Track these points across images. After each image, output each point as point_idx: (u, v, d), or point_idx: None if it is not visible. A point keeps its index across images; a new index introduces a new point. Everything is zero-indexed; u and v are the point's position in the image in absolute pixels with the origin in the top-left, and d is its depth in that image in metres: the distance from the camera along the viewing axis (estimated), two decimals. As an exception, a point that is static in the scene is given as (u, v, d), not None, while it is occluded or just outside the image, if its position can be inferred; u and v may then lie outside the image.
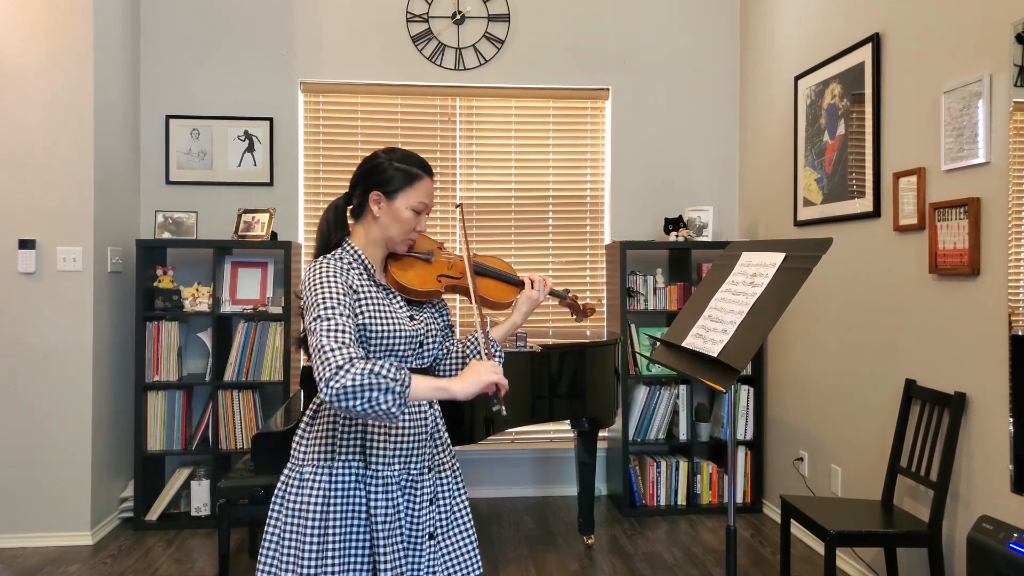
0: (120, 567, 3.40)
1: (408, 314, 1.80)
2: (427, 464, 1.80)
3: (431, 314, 1.88)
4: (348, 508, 1.69)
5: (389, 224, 1.79)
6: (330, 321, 1.58)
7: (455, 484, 1.87)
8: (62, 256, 3.65)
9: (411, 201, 1.78)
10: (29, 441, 3.64)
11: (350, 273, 1.72)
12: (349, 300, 1.66)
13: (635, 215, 4.55)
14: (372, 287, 1.76)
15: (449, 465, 1.87)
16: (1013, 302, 2.44)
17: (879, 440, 3.20)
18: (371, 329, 1.69)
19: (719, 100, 4.60)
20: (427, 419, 1.81)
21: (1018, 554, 2.07)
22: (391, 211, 1.78)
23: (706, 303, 2.37)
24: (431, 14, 4.41)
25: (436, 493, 1.82)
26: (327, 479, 1.70)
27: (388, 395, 1.51)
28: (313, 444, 1.74)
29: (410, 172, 1.79)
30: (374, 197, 1.78)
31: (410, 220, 1.79)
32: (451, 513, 1.84)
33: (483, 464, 4.47)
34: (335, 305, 1.61)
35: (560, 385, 3.40)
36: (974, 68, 2.64)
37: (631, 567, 3.43)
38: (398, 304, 1.80)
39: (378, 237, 1.81)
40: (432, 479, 1.81)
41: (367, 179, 1.80)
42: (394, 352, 1.74)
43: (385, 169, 1.79)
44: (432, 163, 4.45)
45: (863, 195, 3.30)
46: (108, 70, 3.85)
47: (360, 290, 1.72)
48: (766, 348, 4.26)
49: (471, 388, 1.59)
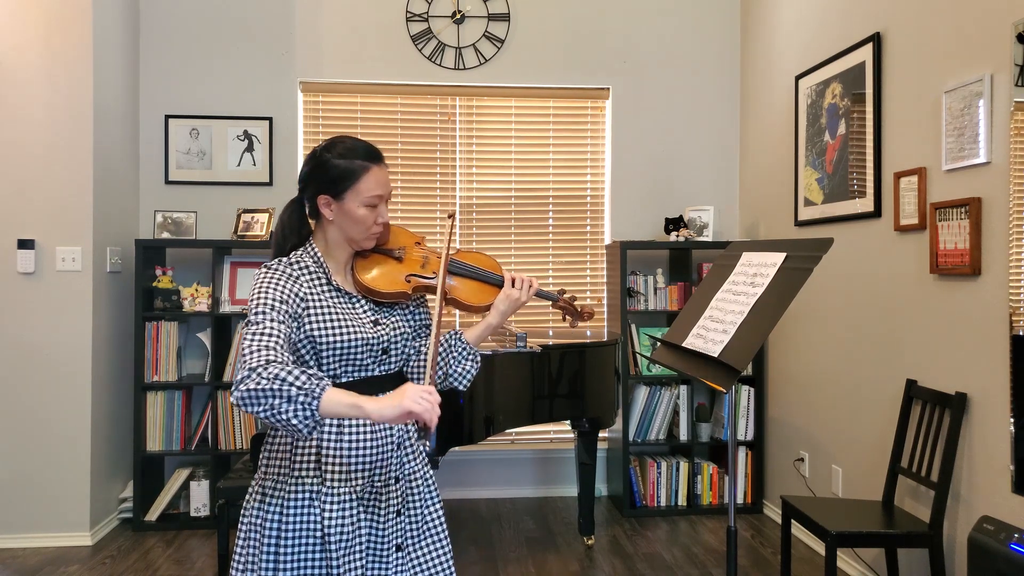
0: (119, 568, 3.39)
1: (372, 319, 1.69)
2: (394, 475, 1.70)
3: (401, 316, 1.76)
4: (302, 530, 1.60)
5: (346, 226, 1.66)
6: (259, 326, 1.49)
7: (427, 492, 1.78)
8: (61, 256, 3.64)
9: (362, 197, 1.64)
10: (28, 441, 3.63)
11: (300, 280, 1.62)
12: (290, 308, 1.56)
13: (635, 215, 4.54)
14: (328, 292, 1.65)
15: (421, 474, 1.78)
16: (1014, 302, 2.43)
17: (880, 440, 3.19)
18: (320, 340, 1.59)
19: (719, 100, 4.59)
20: (391, 428, 1.70)
21: (1019, 554, 2.07)
22: (343, 212, 1.65)
23: (706, 303, 2.37)
24: (431, 13, 4.40)
25: (404, 503, 1.72)
26: (283, 496, 1.62)
27: (290, 405, 1.39)
28: (274, 456, 1.66)
29: (354, 166, 1.64)
30: (323, 200, 1.65)
31: (366, 217, 1.65)
32: (422, 523, 1.75)
33: (483, 464, 4.47)
34: (267, 311, 1.52)
35: (560, 385, 3.40)
36: (975, 68, 2.64)
37: (631, 567, 3.43)
38: (362, 308, 1.69)
39: (338, 239, 1.69)
40: (400, 489, 1.71)
41: (312, 181, 1.67)
42: (351, 361, 1.63)
43: (329, 168, 1.64)
44: (432, 163, 4.48)
45: (864, 195, 3.30)
46: (107, 70, 3.84)
47: (309, 297, 1.61)
48: (767, 348, 4.25)
49: (387, 413, 1.41)
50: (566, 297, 1.94)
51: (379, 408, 1.41)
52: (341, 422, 1.64)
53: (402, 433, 1.73)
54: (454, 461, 4.42)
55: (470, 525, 3.99)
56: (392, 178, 4.45)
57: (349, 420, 1.63)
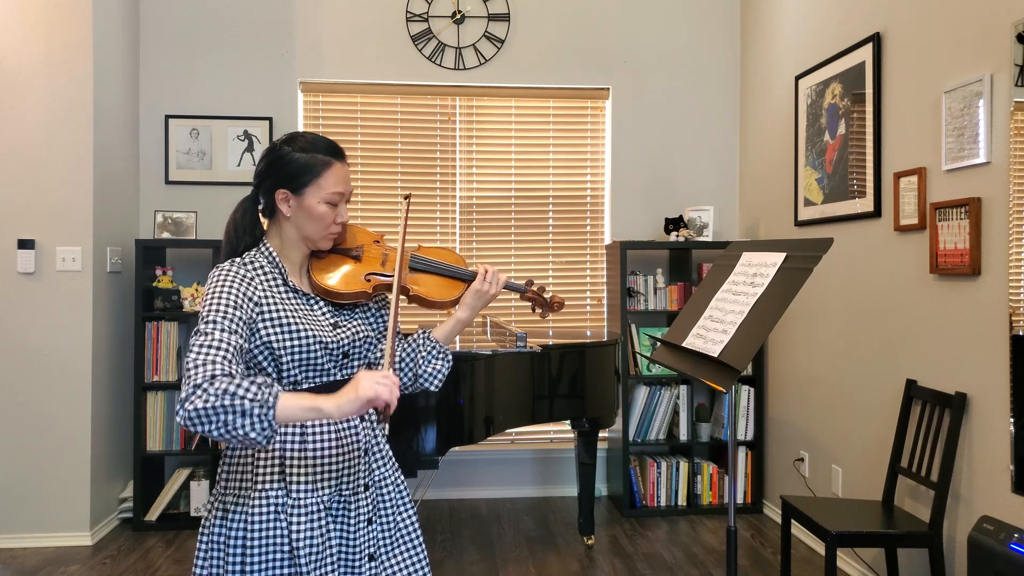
0: (119, 567, 3.39)
1: (331, 321, 1.62)
2: (363, 482, 1.63)
3: (363, 318, 1.68)
4: (268, 543, 1.53)
5: (303, 223, 1.59)
6: (208, 336, 1.40)
7: (399, 499, 1.71)
8: (61, 256, 3.64)
9: (323, 193, 1.57)
10: (28, 441, 3.63)
11: (254, 282, 1.54)
12: (243, 314, 1.47)
13: (635, 215, 4.54)
14: (285, 294, 1.58)
15: (392, 479, 1.71)
16: (1014, 302, 2.43)
17: (880, 440, 3.20)
18: (277, 346, 1.52)
19: (719, 100, 4.59)
20: (357, 434, 1.62)
21: (1019, 554, 2.07)
22: (302, 209, 1.57)
23: (706, 303, 2.37)
24: (431, 13, 4.40)
25: (376, 511, 1.66)
26: (247, 510, 1.54)
27: (245, 419, 1.31)
28: (233, 470, 1.58)
29: (316, 161, 1.57)
30: (280, 196, 1.58)
31: (326, 215, 1.58)
32: (395, 531, 1.69)
33: (483, 464, 4.47)
34: (218, 319, 1.43)
35: (560, 385, 3.40)
36: (975, 68, 2.64)
37: (631, 567, 3.43)
38: (320, 311, 1.62)
39: (294, 237, 1.61)
40: (371, 496, 1.64)
41: (270, 175, 1.59)
42: (311, 366, 1.56)
43: (288, 162, 1.57)
44: (432, 163, 4.48)
45: (864, 195, 3.30)
46: (107, 70, 3.84)
47: (264, 301, 1.53)
48: (767, 348, 4.25)
49: (347, 407, 1.34)
50: (534, 288, 1.86)
51: (337, 404, 1.34)
52: (304, 428, 1.57)
53: (369, 438, 1.67)
54: (454, 461, 4.43)
55: (470, 525, 3.99)
56: (391, 178, 4.46)
57: (312, 426, 1.57)
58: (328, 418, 1.35)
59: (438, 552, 3.61)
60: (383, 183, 4.45)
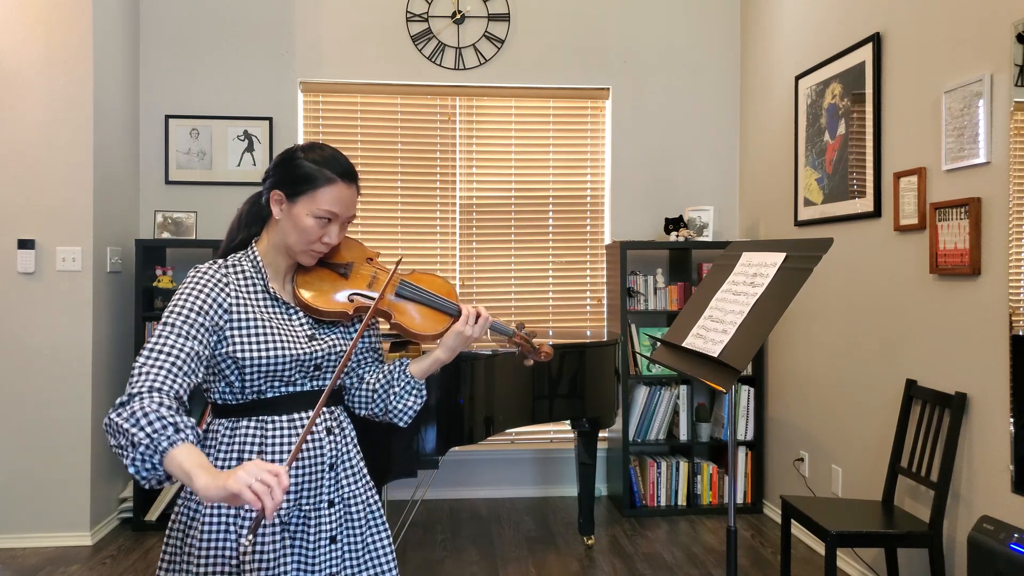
0: (119, 568, 3.39)
1: (308, 333, 1.56)
2: (327, 498, 1.56)
3: (341, 334, 1.62)
4: (216, 560, 1.46)
5: (288, 230, 1.54)
6: (162, 340, 1.37)
7: (370, 515, 1.64)
8: (61, 256, 3.64)
9: (314, 207, 1.52)
10: (28, 441, 3.63)
11: (228, 288, 1.50)
12: (207, 321, 1.44)
13: (635, 215, 4.54)
14: (262, 302, 1.54)
15: (363, 497, 1.63)
16: (1014, 302, 2.43)
17: (880, 440, 3.20)
18: (242, 358, 1.47)
19: (719, 100, 4.59)
20: (323, 448, 1.56)
21: (1019, 554, 2.07)
22: (290, 216, 1.53)
23: (706, 303, 2.37)
24: (431, 14, 4.40)
25: (342, 529, 1.58)
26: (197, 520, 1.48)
27: (134, 451, 1.25)
28: None
29: (320, 174, 1.53)
30: (275, 196, 1.55)
31: (310, 229, 1.52)
32: (364, 551, 1.61)
33: (483, 464, 4.47)
34: (178, 323, 1.40)
35: (560, 385, 3.40)
36: (975, 68, 2.64)
37: (631, 567, 3.43)
38: (299, 321, 1.57)
39: (279, 243, 1.57)
40: (336, 514, 1.57)
41: (274, 174, 1.57)
42: (277, 376, 1.51)
43: (295, 166, 1.54)
44: (432, 163, 4.48)
45: (864, 195, 3.30)
46: (107, 70, 3.84)
47: (236, 308, 1.49)
48: (767, 348, 4.25)
49: (212, 493, 1.19)
50: (523, 333, 1.75)
51: (205, 485, 1.21)
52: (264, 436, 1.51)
53: (336, 453, 1.60)
54: (454, 461, 4.43)
55: (470, 525, 3.99)
56: (391, 178, 4.45)
57: (272, 434, 1.51)
58: (194, 491, 1.23)
59: (438, 552, 3.61)
60: (383, 183, 4.45)
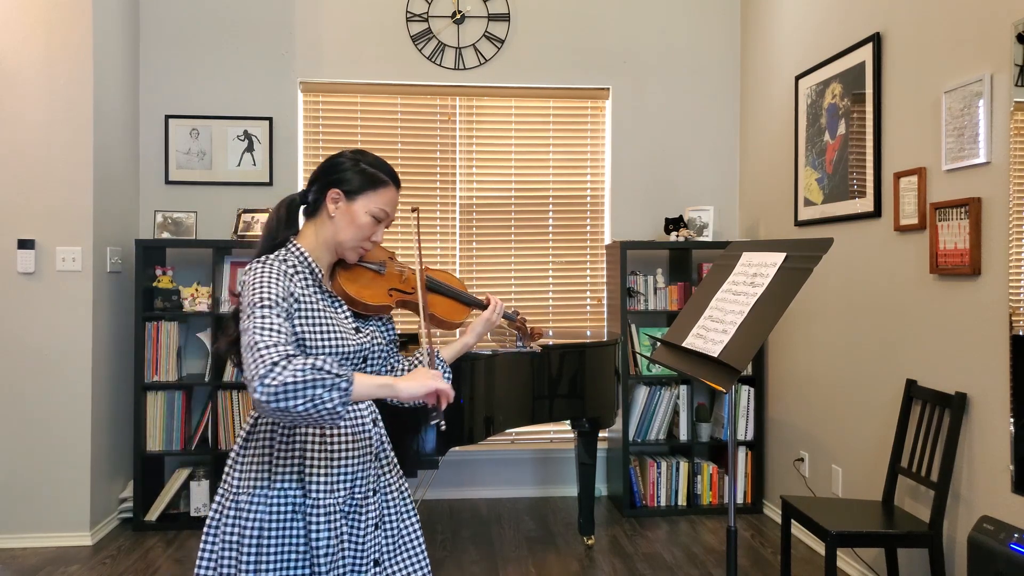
0: (119, 567, 3.39)
1: (354, 326, 1.69)
2: (372, 487, 1.67)
3: (377, 327, 1.76)
4: (285, 541, 1.56)
5: (344, 227, 1.66)
6: (264, 319, 1.45)
7: (403, 505, 1.75)
8: (61, 256, 3.64)
9: (372, 206, 1.66)
10: (29, 441, 3.63)
11: (293, 279, 1.59)
12: (287, 307, 1.53)
13: (635, 215, 4.54)
14: (318, 294, 1.63)
15: (396, 486, 1.75)
16: (1014, 302, 2.43)
17: (880, 440, 3.20)
18: (310, 342, 1.56)
19: (719, 100, 4.59)
20: (371, 438, 1.68)
21: (1019, 554, 2.07)
22: (349, 212, 1.65)
23: (706, 303, 2.37)
24: (431, 13, 4.40)
25: (382, 517, 1.69)
26: (264, 509, 1.56)
27: (333, 392, 1.38)
28: (248, 468, 1.60)
29: (377, 176, 1.68)
30: (332, 195, 1.66)
31: (367, 226, 1.67)
32: (399, 537, 1.71)
33: (483, 464, 4.47)
34: (272, 305, 1.49)
35: (560, 385, 3.40)
36: (975, 68, 2.64)
37: (631, 568, 3.43)
38: (344, 315, 1.68)
39: (329, 239, 1.67)
40: (377, 502, 1.68)
41: (329, 175, 1.67)
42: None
43: (350, 168, 1.67)
44: (432, 163, 4.48)
45: (864, 195, 3.30)
46: (107, 70, 3.84)
47: (302, 298, 1.59)
48: (767, 348, 4.25)
49: (416, 390, 1.49)
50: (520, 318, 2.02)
51: (408, 385, 1.49)
52: (324, 431, 1.61)
53: (378, 444, 1.72)
54: (454, 461, 4.42)
55: (470, 525, 3.99)
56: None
57: (333, 429, 1.62)
58: (398, 397, 1.49)
59: (438, 552, 3.61)
60: (383, 183, 4.44)
